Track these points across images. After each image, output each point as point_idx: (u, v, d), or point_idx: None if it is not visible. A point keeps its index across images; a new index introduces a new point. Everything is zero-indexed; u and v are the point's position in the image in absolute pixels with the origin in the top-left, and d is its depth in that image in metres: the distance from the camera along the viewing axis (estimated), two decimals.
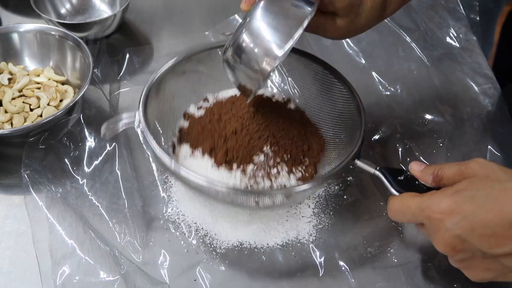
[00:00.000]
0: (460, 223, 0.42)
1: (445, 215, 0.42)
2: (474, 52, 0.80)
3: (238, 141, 0.55)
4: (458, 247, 0.43)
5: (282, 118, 0.59)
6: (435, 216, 0.43)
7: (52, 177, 0.60)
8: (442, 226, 0.43)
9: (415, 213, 0.45)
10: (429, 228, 0.45)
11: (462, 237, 0.42)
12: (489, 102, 0.73)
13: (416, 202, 0.45)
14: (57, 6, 0.82)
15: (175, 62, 0.60)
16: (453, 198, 0.43)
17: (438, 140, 0.68)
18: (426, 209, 0.44)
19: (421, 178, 0.49)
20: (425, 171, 0.49)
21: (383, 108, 0.71)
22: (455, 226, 0.42)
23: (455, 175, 0.46)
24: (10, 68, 0.70)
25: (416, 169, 0.49)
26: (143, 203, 0.59)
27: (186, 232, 0.57)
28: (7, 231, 0.57)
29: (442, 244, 0.44)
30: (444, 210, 0.43)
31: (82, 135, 0.64)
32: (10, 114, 0.65)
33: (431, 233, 0.45)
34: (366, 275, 0.54)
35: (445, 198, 0.43)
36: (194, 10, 0.87)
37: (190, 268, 0.54)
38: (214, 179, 0.52)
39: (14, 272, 0.54)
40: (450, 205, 0.42)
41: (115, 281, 0.52)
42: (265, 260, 0.55)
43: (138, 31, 0.82)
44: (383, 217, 0.59)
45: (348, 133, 0.59)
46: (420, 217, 0.45)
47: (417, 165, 0.49)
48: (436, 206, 0.43)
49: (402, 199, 0.47)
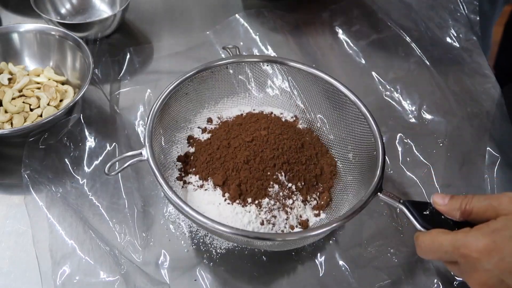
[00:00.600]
0: (499, 263, 0.40)
1: (483, 255, 0.41)
2: (474, 52, 0.80)
3: (252, 172, 0.54)
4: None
5: (293, 140, 0.57)
6: (473, 255, 0.41)
7: (52, 177, 0.60)
8: (480, 266, 0.41)
9: (448, 251, 0.43)
10: (465, 267, 0.43)
11: (500, 278, 0.41)
12: (489, 102, 0.73)
13: (449, 240, 0.43)
14: (57, 6, 0.82)
15: (178, 83, 0.58)
16: (491, 237, 0.41)
17: (438, 140, 0.68)
18: (462, 247, 0.42)
19: (448, 213, 0.47)
20: (451, 206, 0.46)
21: (383, 108, 0.71)
22: (494, 267, 0.41)
23: (487, 210, 0.44)
24: (10, 68, 0.70)
25: (440, 203, 0.47)
26: (143, 203, 0.59)
27: (187, 232, 0.57)
28: (7, 231, 0.57)
29: (478, 285, 0.42)
30: (482, 249, 0.41)
31: (82, 135, 0.64)
32: (10, 114, 0.65)
33: (466, 272, 0.43)
34: (366, 275, 0.54)
35: (482, 237, 0.42)
36: (194, 10, 0.87)
37: (190, 268, 0.54)
38: (231, 224, 0.50)
39: (14, 272, 0.54)
40: (489, 245, 0.41)
41: (115, 281, 0.52)
42: (265, 260, 0.55)
43: (138, 31, 0.82)
44: (383, 217, 0.59)
45: (362, 153, 0.57)
46: (455, 256, 0.43)
47: (440, 198, 0.47)
48: (473, 245, 0.42)
49: (432, 236, 0.45)
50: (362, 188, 0.53)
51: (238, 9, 0.83)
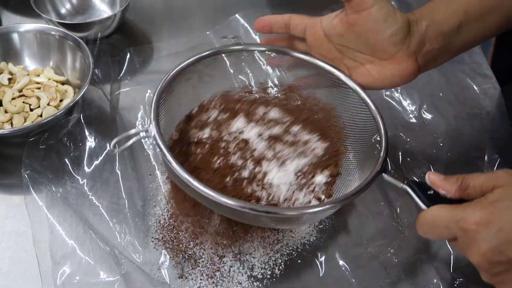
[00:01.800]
0: (497, 234, 0.40)
1: (481, 227, 0.41)
2: (474, 52, 0.79)
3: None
4: (495, 259, 0.41)
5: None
6: (471, 227, 0.41)
7: (53, 177, 0.60)
8: (479, 238, 0.41)
9: (449, 225, 0.43)
10: (464, 241, 0.43)
11: (499, 248, 0.41)
12: (489, 102, 0.73)
13: (449, 214, 0.43)
14: (57, 6, 0.82)
15: (184, 65, 0.57)
16: (489, 208, 0.41)
17: (438, 140, 0.68)
18: (461, 220, 0.42)
19: (444, 188, 0.46)
20: (447, 180, 0.46)
21: (383, 108, 0.71)
22: (492, 238, 0.41)
23: (483, 184, 0.44)
24: (10, 68, 0.70)
25: (436, 179, 0.47)
26: (143, 203, 0.59)
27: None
28: (7, 231, 0.57)
29: (478, 256, 0.42)
30: (480, 221, 0.41)
31: (82, 135, 0.64)
32: (10, 114, 0.65)
33: (466, 246, 0.43)
34: (366, 275, 0.54)
35: (480, 209, 0.42)
36: (195, 10, 0.87)
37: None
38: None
39: (14, 272, 0.54)
40: (486, 216, 0.41)
41: (115, 281, 0.52)
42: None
43: (138, 31, 0.82)
44: (384, 217, 0.59)
45: (364, 139, 0.57)
46: (454, 229, 0.43)
47: (435, 175, 0.47)
48: (471, 217, 0.42)
49: (433, 211, 0.45)
50: (366, 173, 0.53)
51: (239, 9, 0.83)
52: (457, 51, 0.55)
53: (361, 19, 0.51)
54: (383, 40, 0.52)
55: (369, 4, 0.50)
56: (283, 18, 0.56)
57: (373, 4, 0.50)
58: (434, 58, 0.54)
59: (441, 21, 0.52)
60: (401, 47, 0.52)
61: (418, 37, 0.52)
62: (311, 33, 0.55)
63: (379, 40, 0.52)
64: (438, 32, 0.52)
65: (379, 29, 0.51)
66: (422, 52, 0.53)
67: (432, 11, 0.53)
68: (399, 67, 0.53)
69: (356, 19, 0.51)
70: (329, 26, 0.54)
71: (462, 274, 0.54)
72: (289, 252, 0.56)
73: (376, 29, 0.51)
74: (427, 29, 0.52)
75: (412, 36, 0.52)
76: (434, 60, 0.54)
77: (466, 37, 0.53)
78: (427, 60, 0.54)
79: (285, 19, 0.56)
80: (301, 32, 0.56)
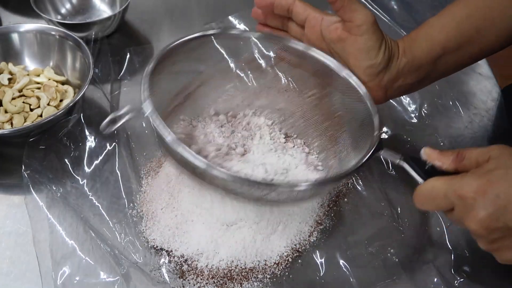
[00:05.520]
0: (494, 201, 0.41)
1: (478, 194, 0.42)
2: None
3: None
4: (492, 226, 0.42)
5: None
6: (469, 195, 0.42)
7: (53, 177, 0.60)
8: (476, 205, 0.42)
9: (447, 195, 0.44)
10: (461, 209, 0.44)
11: (496, 215, 0.42)
12: (489, 102, 0.73)
13: (446, 184, 0.44)
14: (57, 6, 0.82)
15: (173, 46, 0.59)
16: (486, 177, 0.42)
17: (438, 139, 0.68)
18: (458, 189, 0.43)
19: (439, 159, 0.47)
20: (442, 153, 0.48)
21: (383, 108, 0.71)
22: (489, 204, 0.41)
23: (478, 156, 0.45)
24: (10, 68, 0.70)
25: (431, 152, 0.48)
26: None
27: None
28: (7, 231, 0.57)
29: (475, 223, 0.43)
30: (478, 189, 0.42)
31: (83, 135, 0.64)
32: (10, 114, 0.65)
33: (463, 215, 0.44)
34: (366, 275, 0.54)
35: (477, 177, 0.43)
36: (194, 9, 0.87)
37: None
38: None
39: (14, 272, 0.54)
40: (483, 184, 0.42)
41: (115, 281, 0.52)
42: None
43: (138, 31, 0.82)
44: (384, 217, 0.59)
45: (357, 121, 0.57)
46: (452, 199, 0.44)
47: (430, 149, 0.48)
48: (468, 185, 0.43)
49: (431, 182, 0.46)
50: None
51: (238, 9, 0.83)
52: (433, 80, 0.58)
53: (349, 40, 0.53)
54: (360, 67, 0.54)
55: (359, 32, 0.52)
56: (286, 1, 0.57)
57: (362, 34, 0.52)
58: (407, 89, 0.57)
59: (421, 57, 0.55)
60: (373, 79, 0.54)
61: (394, 73, 0.54)
62: (310, 26, 0.57)
63: (357, 66, 0.54)
64: (416, 68, 0.55)
65: (359, 57, 0.53)
66: (393, 87, 0.56)
67: (413, 46, 0.55)
68: (370, 91, 0.55)
69: (346, 37, 0.54)
70: (327, 30, 0.55)
71: (462, 273, 0.54)
72: (289, 252, 0.56)
73: (357, 56, 0.54)
74: (405, 66, 0.54)
75: (387, 71, 0.54)
76: (408, 90, 0.58)
77: (443, 68, 0.56)
78: (398, 92, 0.57)
79: (289, 2, 0.56)
80: (301, 21, 0.57)
